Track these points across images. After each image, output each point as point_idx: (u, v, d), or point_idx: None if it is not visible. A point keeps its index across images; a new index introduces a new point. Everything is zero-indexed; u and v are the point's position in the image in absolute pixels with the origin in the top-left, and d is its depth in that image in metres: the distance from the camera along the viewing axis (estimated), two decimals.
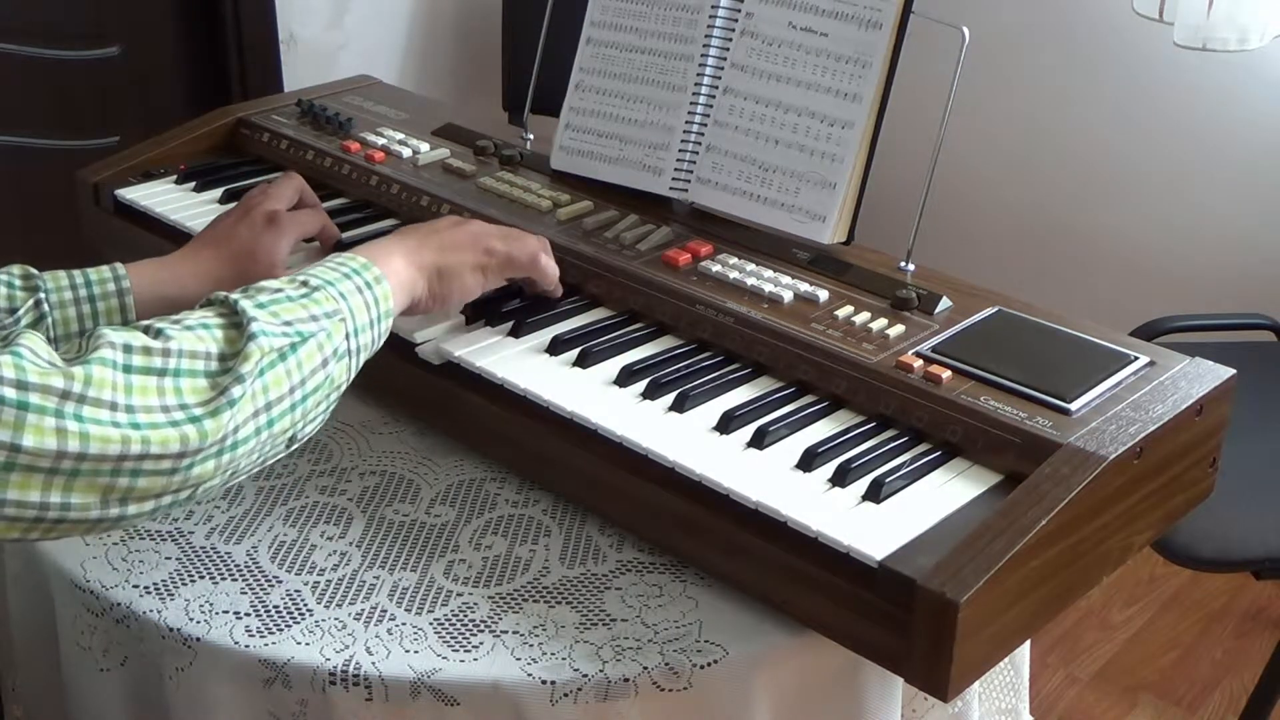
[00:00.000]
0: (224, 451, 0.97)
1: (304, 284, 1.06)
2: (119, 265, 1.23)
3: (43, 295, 1.19)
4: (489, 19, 2.76)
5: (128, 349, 0.94)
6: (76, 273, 1.22)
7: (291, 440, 1.04)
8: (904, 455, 1.13)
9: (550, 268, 1.29)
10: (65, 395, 0.90)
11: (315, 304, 1.05)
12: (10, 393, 0.88)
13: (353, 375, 1.08)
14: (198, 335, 0.98)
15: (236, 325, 1.00)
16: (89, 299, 1.21)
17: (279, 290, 1.05)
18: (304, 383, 1.02)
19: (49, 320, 1.19)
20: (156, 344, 0.96)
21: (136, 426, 0.92)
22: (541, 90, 1.60)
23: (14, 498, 0.89)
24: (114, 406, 0.92)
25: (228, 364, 0.98)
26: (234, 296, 1.03)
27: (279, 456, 1.04)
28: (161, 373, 0.95)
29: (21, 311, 1.18)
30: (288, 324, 1.02)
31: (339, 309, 1.06)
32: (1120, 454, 1.07)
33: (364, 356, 1.09)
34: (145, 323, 0.99)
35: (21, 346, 0.91)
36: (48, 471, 0.89)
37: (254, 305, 1.02)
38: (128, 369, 0.94)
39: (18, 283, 1.19)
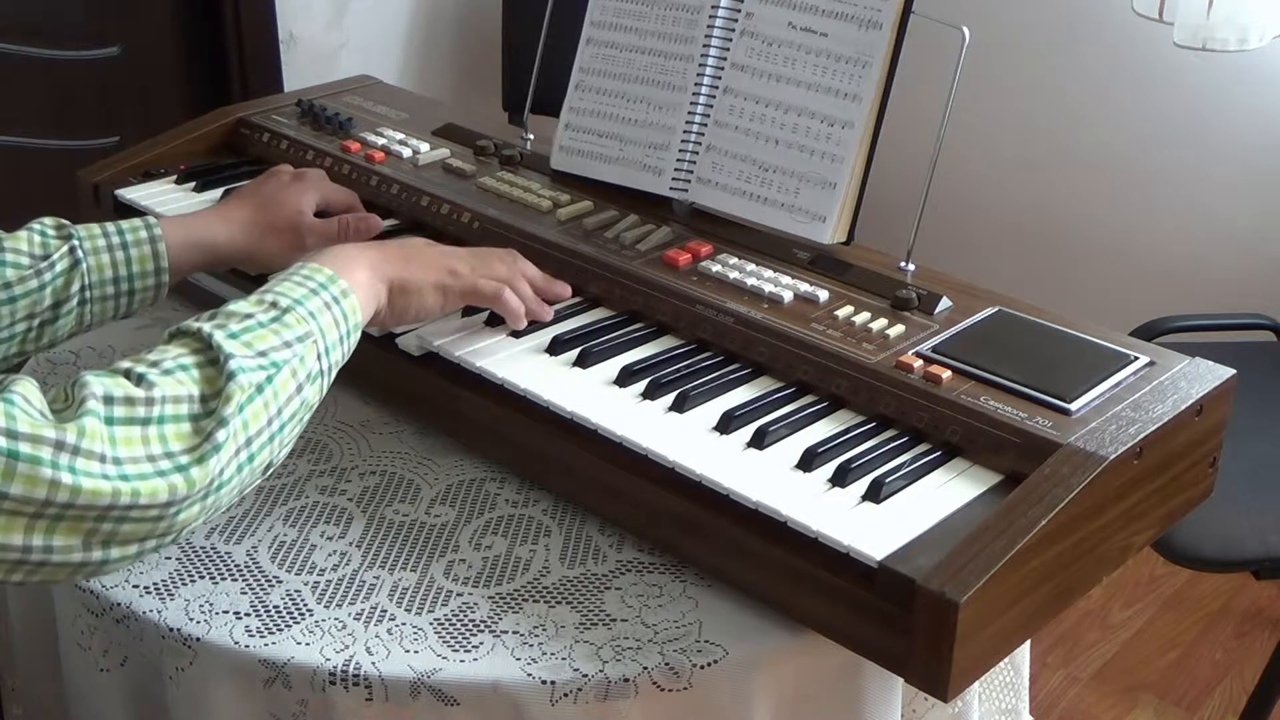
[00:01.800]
0: (209, 495, 0.96)
1: (273, 305, 1.05)
2: (149, 216, 1.27)
3: (76, 242, 1.21)
4: (489, 19, 2.76)
5: (109, 400, 0.93)
6: (109, 223, 1.24)
7: (268, 468, 1.03)
8: (904, 455, 1.13)
9: (513, 304, 1.24)
10: (60, 446, 0.89)
11: (286, 328, 1.04)
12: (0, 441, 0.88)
13: (324, 393, 1.08)
14: (178, 379, 0.97)
15: (213, 362, 0.99)
16: (122, 245, 1.23)
17: (249, 316, 1.03)
18: (280, 412, 1.01)
19: (84, 266, 1.20)
20: (139, 393, 0.95)
21: (125, 478, 0.91)
22: (541, 90, 1.60)
23: None
24: (103, 459, 0.91)
25: (210, 405, 0.97)
26: (206, 329, 1.01)
27: (255, 484, 1.04)
28: (145, 422, 0.94)
29: (56, 257, 1.20)
30: (262, 354, 1.01)
31: (310, 330, 1.05)
32: (1120, 454, 1.07)
33: (335, 373, 1.09)
34: (125, 365, 0.98)
35: (14, 394, 0.90)
36: (31, 516, 0.89)
37: (226, 336, 1.00)
38: (109, 420, 0.93)
39: (50, 231, 1.21)
